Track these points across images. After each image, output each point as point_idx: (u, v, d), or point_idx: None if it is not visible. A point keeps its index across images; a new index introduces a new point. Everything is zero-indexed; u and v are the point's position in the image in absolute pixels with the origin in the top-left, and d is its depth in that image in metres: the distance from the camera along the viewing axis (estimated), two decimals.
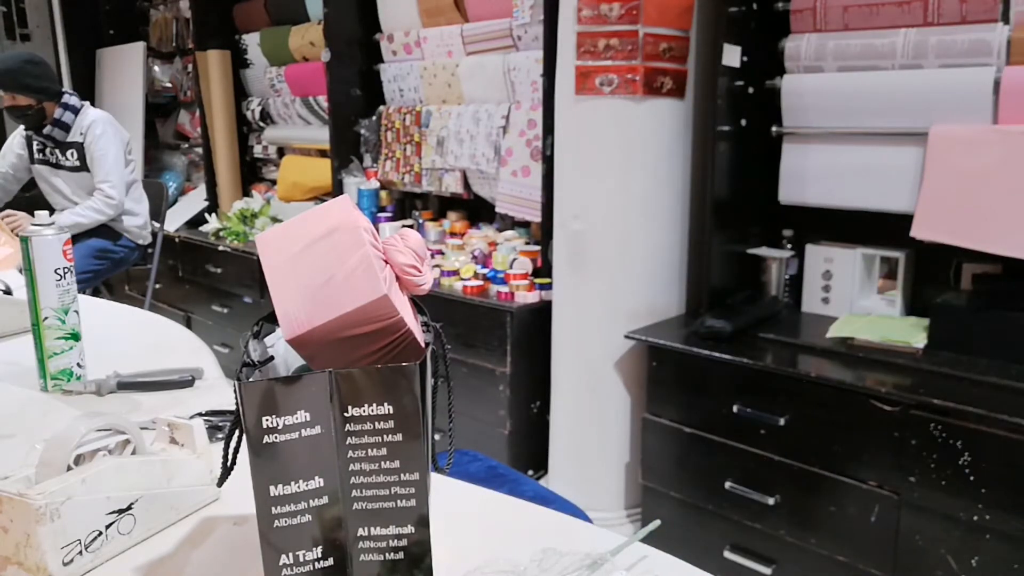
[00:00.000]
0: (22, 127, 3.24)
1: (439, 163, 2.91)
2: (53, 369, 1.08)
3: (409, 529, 0.58)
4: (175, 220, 4.09)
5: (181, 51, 4.57)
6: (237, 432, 0.60)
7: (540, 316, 2.38)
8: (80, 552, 0.65)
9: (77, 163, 3.16)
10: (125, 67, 4.69)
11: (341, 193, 3.26)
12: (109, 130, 3.15)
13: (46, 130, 3.10)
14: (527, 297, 2.40)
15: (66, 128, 3.12)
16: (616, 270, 2.17)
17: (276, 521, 0.55)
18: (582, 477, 2.30)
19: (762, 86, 2.09)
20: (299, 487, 0.55)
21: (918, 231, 1.84)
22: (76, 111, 3.14)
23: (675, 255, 2.25)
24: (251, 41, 3.90)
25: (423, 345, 0.61)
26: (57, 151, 3.17)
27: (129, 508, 0.69)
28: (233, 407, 0.57)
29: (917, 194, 1.85)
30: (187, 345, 1.41)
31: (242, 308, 3.56)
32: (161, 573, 0.67)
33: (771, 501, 1.79)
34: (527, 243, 2.70)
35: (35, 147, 3.21)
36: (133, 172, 3.33)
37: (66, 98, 3.13)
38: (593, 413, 2.25)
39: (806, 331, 1.97)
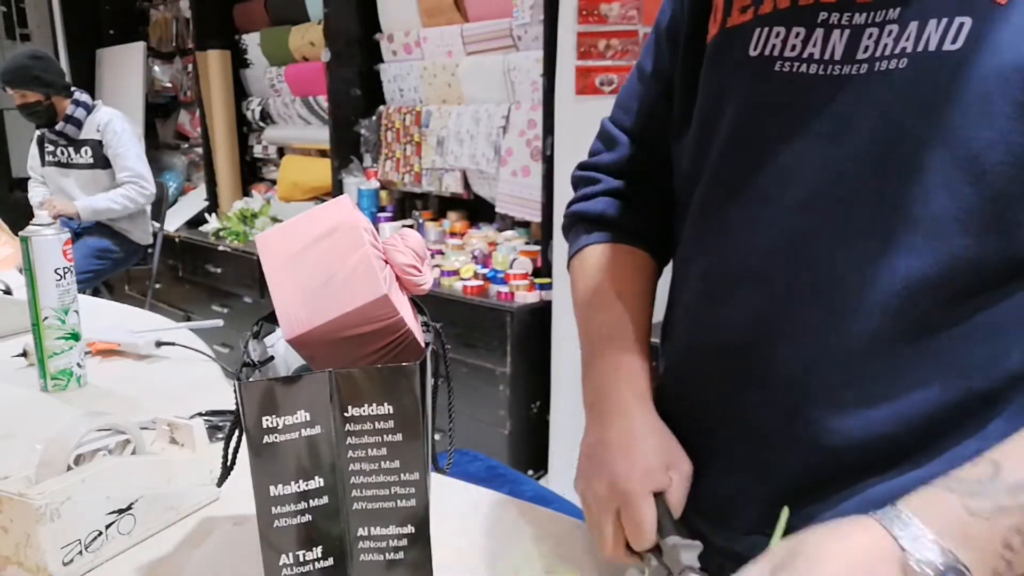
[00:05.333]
0: (36, 134, 3.25)
1: (439, 163, 2.91)
2: (53, 369, 1.08)
3: (409, 529, 0.58)
4: (175, 220, 4.09)
5: (181, 51, 4.57)
6: (237, 432, 0.60)
7: (540, 316, 2.38)
8: (80, 552, 0.65)
9: (91, 160, 3.16)
10: (125, 67, 4.69)
11: (341, 193, 3.26)
12: (127, 127, 3.17)
13: (59, 126, 3.11)
14: (527, 297, 2.40)
15: (78, 124, 3.12)
16: None
17: (276, 521, 0.55)
18: None
19: None
20: (299, 487, 0.55)
21: None
22: (88, 108, 3.15)
23: None
24: (251, 41, 3.90)
25: (423, 345, 0.61)
26: (70, 149, 3.16)
27: (129, 508, 0.69)
28: (233, 407, 0.57)
29: None
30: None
31: (242, 308, 3.56)
32: (161, 573, 0.67)
33: None
34: (527, 243, 2.70)
35: (46, 149, 3.20)
36: None
37: (77, 95, 3.14)
38: None
39: None
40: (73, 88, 3.17)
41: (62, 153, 3.18)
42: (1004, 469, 0.48)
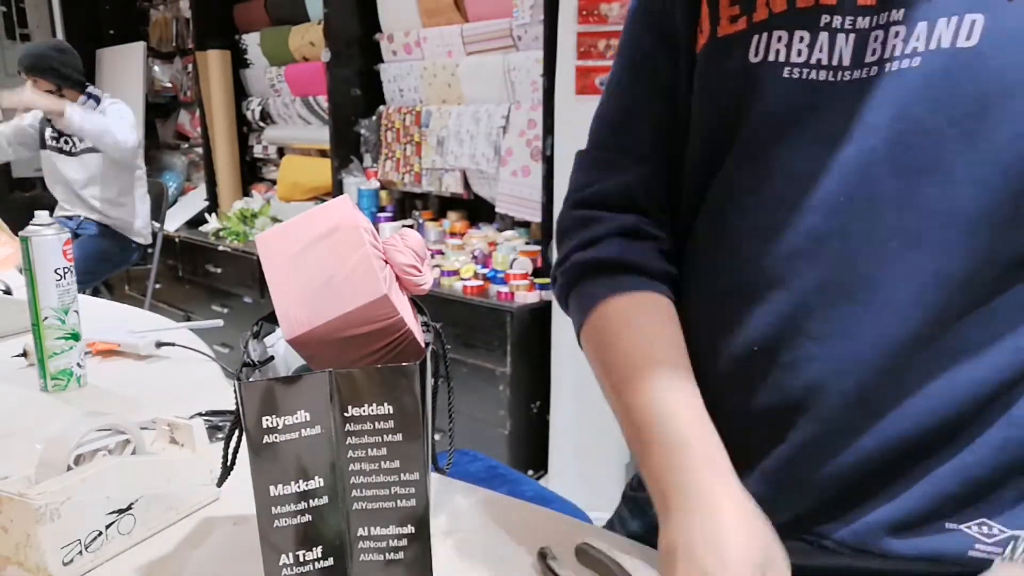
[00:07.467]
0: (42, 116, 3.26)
1: (439, 163, 2.91)
2: (53, 369, 1.08)
3: (409, 529, 0.58)
4: (175, 220, 4.09)
5: (181, 51, 4.57)
6: (237, 432, 0.60)
7: (540, 316, 2.38)
8: (80, 552, 0.65)
9: (90, 144, 3.17)
10: (125, 67, 4.69)
11: (341, 193, 3.26)
12: (126, 112, 3.16)
13: None
14: (527, 297, 2.40)
15: None
16: None
17: (276, 521, 0.55)
18: (582, 477, 2.30)
19: None
20: (299, 487, 0.55)
21: None
22: (99, 101, 3.17)
23: None
24: (251, 41, 3.90)
25: (423, 345, 0.61)
26: (72, 137, 3.18)
27: (129, 508, 0.69)
28: (233, 407, 0.57)
29: None
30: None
31: (242, 308, 3.56)
32: (161, 573, 0.67)
33: None
34: (527, 243, 2.70)
35: (48, 133, 3.22)
36: (140, 173, 3.34)
37: (90, 89, 3.16)
38: (593, 413, 2.25)
39: None
40: (88, 84, 3.19)
41: (65, 142, 3.19)
42: None
